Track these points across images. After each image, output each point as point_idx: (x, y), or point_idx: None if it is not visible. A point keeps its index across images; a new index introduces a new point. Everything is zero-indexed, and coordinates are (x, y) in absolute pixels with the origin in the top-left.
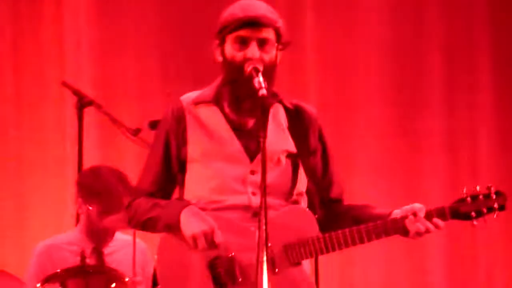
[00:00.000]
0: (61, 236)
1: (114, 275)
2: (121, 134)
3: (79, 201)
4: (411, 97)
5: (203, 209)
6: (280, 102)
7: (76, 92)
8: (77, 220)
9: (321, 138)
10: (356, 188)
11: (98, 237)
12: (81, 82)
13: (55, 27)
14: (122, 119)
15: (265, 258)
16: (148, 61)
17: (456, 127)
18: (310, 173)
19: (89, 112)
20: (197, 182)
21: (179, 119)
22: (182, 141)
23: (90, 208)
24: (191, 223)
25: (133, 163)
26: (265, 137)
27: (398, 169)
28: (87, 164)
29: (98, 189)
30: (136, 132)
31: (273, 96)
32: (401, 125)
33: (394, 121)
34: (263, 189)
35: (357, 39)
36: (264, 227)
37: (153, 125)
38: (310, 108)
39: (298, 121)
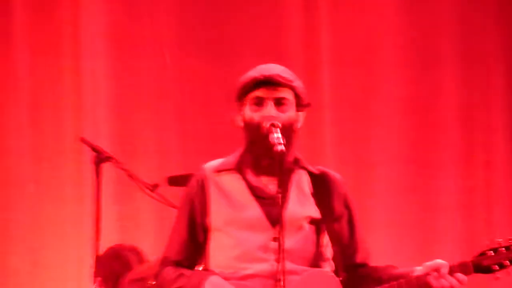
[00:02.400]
0: None
1: None
2: (138, 190)
3: (99, 280)
4: (428, 155)
5: (226, 278)
6: (303, 168)
7: (94, 148)
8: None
9: (347, 205)
10: (370, 243)
11: None
12: (99, 137)
13: (73, 82)
14: (140, 174)
15: None
16: (166, 117)
17: (471, 185)
18: (334, 239)
19: (106, 167)
20: (219, 251)
21: (202, 188)
22: (205, 210)
23: None
24: None
25: (151, 219)
26: (283, 192)
27: (413, 226)
28: (104, 220)
29: (116, 274)
30: (154, 187)
31: (296, 162)
32: (417, 183)
33: (410, 178)
34: (281, 244)
35: (375, 96)
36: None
37: (172, 181)
38: (335, 174)
39: (322, 186)
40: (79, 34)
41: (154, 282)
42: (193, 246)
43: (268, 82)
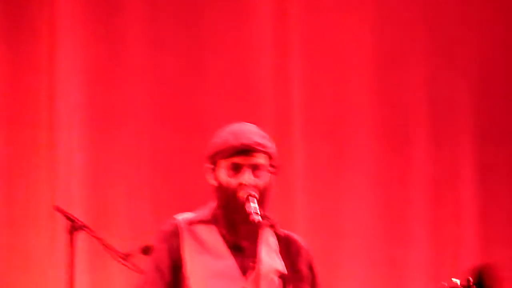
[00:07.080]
0: None
1: None
2: (111, 259)
3: None
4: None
5: None
6: (272, 227)
7: (68, 217)
8: None
9: (311, 268)
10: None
11: None
12: (73, 206)
13: (48, 151)
14: (113, 244)
15: None
16: (139, 187)
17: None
18: None
19: (80, 236)
20: None
21: (176, 235)
22: (178, 259)
23: None
24: None
25: None
26: (255, 247)
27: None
28: None
29: None
30: (127, 256)
31: (264, 219)
32: (388, 254)
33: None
34: None
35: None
36: None
37: (145, 250)
38: (301, 239)
39: (288, 248)
40: (54, 105)
41: None
42: None
43: (246, 150)
